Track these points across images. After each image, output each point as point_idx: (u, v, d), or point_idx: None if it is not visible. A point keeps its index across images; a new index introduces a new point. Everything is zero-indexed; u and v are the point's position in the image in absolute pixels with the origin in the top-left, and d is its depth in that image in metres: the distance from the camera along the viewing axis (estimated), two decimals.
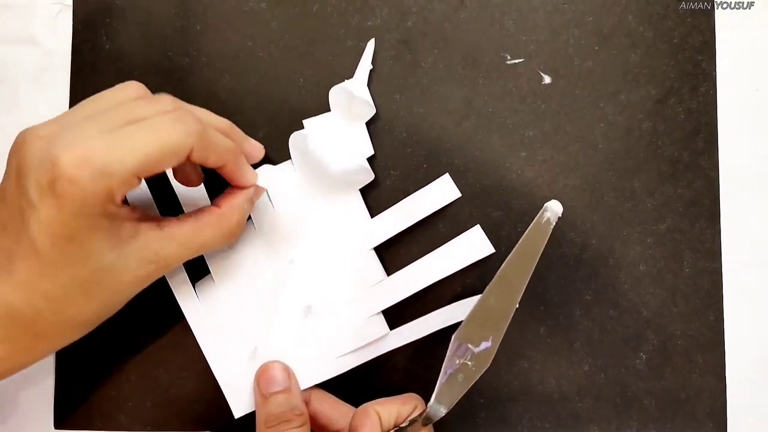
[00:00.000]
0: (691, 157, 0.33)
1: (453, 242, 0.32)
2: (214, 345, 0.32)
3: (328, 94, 0.33)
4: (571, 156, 0.33)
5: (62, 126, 0.25)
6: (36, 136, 0.25)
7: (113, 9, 0.34)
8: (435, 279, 0.32)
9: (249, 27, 0.34)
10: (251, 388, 0.32)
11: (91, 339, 0.33)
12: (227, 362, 0.32)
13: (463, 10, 0.34)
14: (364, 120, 0.33)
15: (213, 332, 0.32)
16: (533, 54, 0.34)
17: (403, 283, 0.32)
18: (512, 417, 0.33)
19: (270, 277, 0.32)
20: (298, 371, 0.32)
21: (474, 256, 0.32)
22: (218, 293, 0.32)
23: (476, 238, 0.32)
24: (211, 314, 0.32)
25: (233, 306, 0.32)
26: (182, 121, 0.26)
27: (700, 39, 0.34)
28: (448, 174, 0.32)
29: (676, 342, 0.33)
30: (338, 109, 0.33)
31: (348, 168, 0.32)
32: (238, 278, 0.32)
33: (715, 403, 0.33)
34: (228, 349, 0.32)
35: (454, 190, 0.33)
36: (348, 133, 0.33)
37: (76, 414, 0.33)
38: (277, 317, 0.32)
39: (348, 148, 0.32)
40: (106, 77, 0.34)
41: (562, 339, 0.33)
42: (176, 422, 0.33)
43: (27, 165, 0.24)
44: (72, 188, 0.24)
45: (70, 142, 0.24)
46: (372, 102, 0.33)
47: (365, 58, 0.33)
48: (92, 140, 0.24)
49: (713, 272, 0.33)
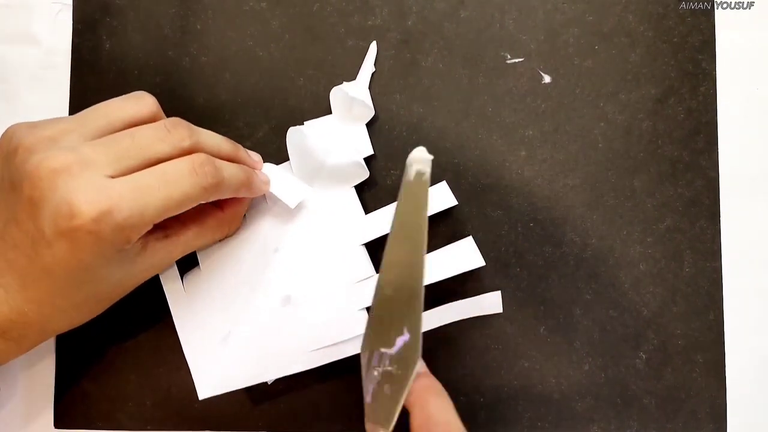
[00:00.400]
0: (691, 156, 0.33)
1: (443, 250, 0.31)
2: (189, 327, 0.32)
3: (329, 95, 0.33)
4: (571, 155, 0.33)
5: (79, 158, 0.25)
6: (50, 169, 0.24)
7: (113, 8, 0.34)
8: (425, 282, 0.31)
9: (249, 26, 0.34)
10: (220, 371, 0.31)
11: (91, 338, 0.33)
12: (199, 344, 0.31)
13: (463, 9, 0.34)
14: (364, 122, 0.33)
15: (190, 315, 0.32)
16: (533, 53, 0.34)
17: None
18: (512, 416, 0.33)
19: (251, 263, 0.32)
20: (271, 361, 0.31)
21: (463, 266, 0.31)
22: (201, 279, 0.32)
23: (467, 249, 0.31)
24: (192, 298, 0.32)
25: (212, 289, 0.32)
26: (199, 173, 0.26)
27: (700, 38, 0.34)
28: (445, 182, 0.32)
29: (676, 341, 0.33)
30: (338, 110, 0.33)
31: (342, 163, 0.32)
32: (221, 264, 0.32)
33: (715, 403, 0.33)
34: (202, 332, 0.31)
35: (450, 197, 0.32)
36: (347, 133, 0.33)
37: (76, 413, 0.33)
38: (254, 303, 0.32)
39: (345, 144, 0.32)
40: (107, 76, 0.34)
41: (562, 338, 0.33)
42: (176, 421, 0.33)
43: (43, 200, 0.24)
44: (90, 238, 0.24)
45: (91, 194, 0.24)
46: (372, 104, 0.33)
47: (368, 60, 0.33)
48: (113, 193, 0.24)
49: (713, 272, 0.33)
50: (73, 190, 0.24)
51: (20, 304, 0.26)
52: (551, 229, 0.33)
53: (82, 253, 0.25)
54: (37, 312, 0.26)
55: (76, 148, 0.25)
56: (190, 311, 0.32)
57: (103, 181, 0.24)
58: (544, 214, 0.33)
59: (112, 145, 0.26)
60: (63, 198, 0.24)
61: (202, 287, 0.32)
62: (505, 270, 0.33)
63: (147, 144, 0.26)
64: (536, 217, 0.33)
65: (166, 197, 0.26)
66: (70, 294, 0.27)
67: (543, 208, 0.33)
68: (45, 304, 0.26)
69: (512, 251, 0.33)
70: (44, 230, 0.24)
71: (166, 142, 0.27)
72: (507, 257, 0.33)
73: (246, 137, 0.33)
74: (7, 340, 0.27)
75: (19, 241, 0.25)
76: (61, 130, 0.26)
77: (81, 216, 0.24)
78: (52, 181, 0.24)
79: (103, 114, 0.27)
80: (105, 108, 0.27)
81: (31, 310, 0.26)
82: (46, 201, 0.24)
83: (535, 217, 0.33)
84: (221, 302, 0.32)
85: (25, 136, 0.26)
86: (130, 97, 0.28)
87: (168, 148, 0.26)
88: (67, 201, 0.24)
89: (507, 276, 0.33)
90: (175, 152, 0.27)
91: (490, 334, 0.33)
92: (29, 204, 0.25)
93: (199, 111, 0.34)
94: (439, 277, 0.31)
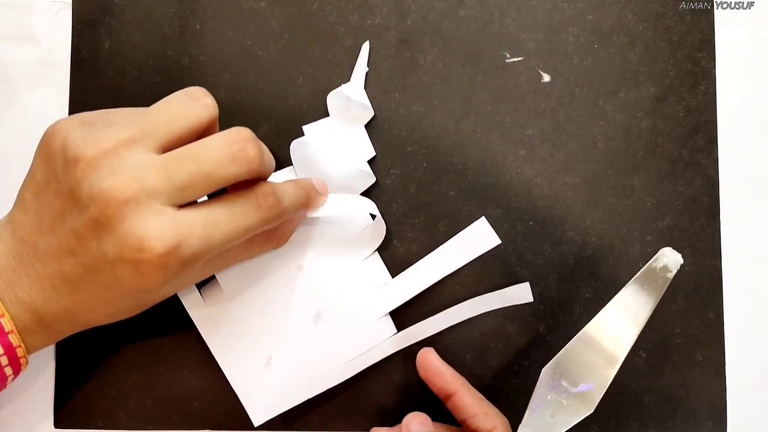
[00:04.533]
0: (690, 155, 0.33)
1: (458, 236, 0.32)
2: (227, 353, 0.32)
3: (328, 94, 0.33)
4: (571, 154, 0.33)
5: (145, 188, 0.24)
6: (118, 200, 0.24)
7: (113, 7, 0.34)
8: (441, 276, 0.32)
9: (248, 26, 0.34)
10: (268, 395, 0.32)
11: (91, 338, 0.33)
12: (242, 371, 0.32)
13: (463, 8, 0.34)
14: (363, 123, 0.33)
15: (225, 340, 0.32)
16: (532, 52, 0.34)
17: (410, 282, 0.32)
18: (512, 415, 0.33)
19: (280, 284, 0.32)
20: (312, 377, 0.32)
21: (480, 248, 0.32)
22: (226, 300, 0.32)
23: (482, 230, 0.31)
24: (221, 321, 0.32)
25: (244, 313, 0.32)
26: (263, 207, 0.27)
27: (699, 37, 0.34)
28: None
29: (676, 340, 0.33)
30: (336, 114, 0.33)
31: (348, 173, 0.32)
32: (247, 285, 0.32)
33: (714, 401, 0.33)
34: (242, 358, 0.32)
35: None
36: (348, 136, 0.33)
37: (76, 413, 0.33)
38: (290, 325, 0.32)
39: (348, 152, 0.32)
40: (106, 75, 0.34)
41: (562, 337, 0.33)
42: (177, 420, 0.33)
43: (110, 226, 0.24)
44: (157, 270, 0.24)
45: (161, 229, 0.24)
46: (369, 104, 0.33)
47: (360, 60, 0.33)
48: (183, 229, 0.24)
49: (713, 270, 0.33)
50: (142, 222, 0.24)
51: (70, 305, 0.26)
52: (551, 227, 0.33)
53: (145, 281, 0.25)
54: (85, 314, 0.27)
55: (142, 171, 0.24)
56: (222, 337, 0.32)
57: (171, 215, 0.24)
58: (543, 213, 0.33)
59: (177, 171, 0.25)
60: (131, 230, 0.24)
61: (229, 310, 0.32)
62: (504, 269, 0.33)
63: (213, 168, 0.25)
64: (536, 215, 0.33)
65: (232, 232, 0.26)
66: (120, 304, 0.27)
67: (542, 207, 0.33)
68: (93, 309, 0.26)
69: (512, 250, 0.33)
70: (107, 254, 0.24)
71: (235, 165, 0.26)
72: (506, 256, 0.33)
73: None
74: (49, 333, 0.27)
75: (77, 251, 0.25)
76: (123, 142, 0.25)
77: (151, 251, 0.24)
78: (120, 210, 0.24)
79: (164, 122, 0.26)
80: (165, 113, 0.26)
81: (79, 311, 0.26)
82: (113, 228, 0.24)
83: (535, 216, 0.33)
84: (256, 326, 0.32)
85: (84, 145, 0.25)
86: (191, 99, 0.27)
87: (235, 173, 0.26)
88: (136, 234, 0.24)
89: (507, 275, 0.33)
90: (242, 176, 0.26)
91: (490, 334, 0.33)
92: (94, 225, 0.24)
93: None
94: (457, 264, 0.32)
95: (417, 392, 0.33)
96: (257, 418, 0.32)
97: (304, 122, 0.33)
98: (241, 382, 0.32)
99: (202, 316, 0.32)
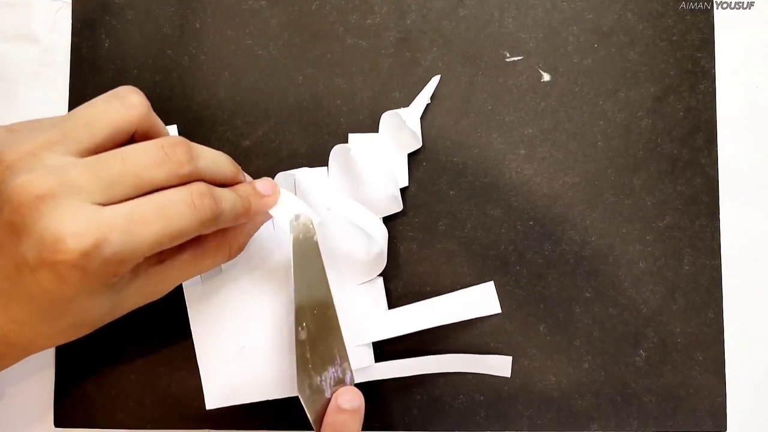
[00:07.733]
0: (690, 154, 0.34)
1: (462, 293, 0.32)
2: (204, 331, 0.32)
3: (328, 93, 0.33)
4: (571, 153, 0.33)
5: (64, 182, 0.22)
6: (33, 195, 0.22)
7: (112, 7, 0.34)
8: (433, 325, 0.32)
9: (248, 25, 0.34)
10: (230, 384, 0.31)
11: (90, 338, 0.32)
12: (213, 353, 0.32)
13: (462, 7, 0.34)
14: (408, 150, 0.33)
15: (206, 319, 0.32)
16: (532, 52, 0.34)
17: (400, 322, 0.32)
18: (512, 415, 0.33)
19: (271, 279, 0.32)
20: (279, 381, 0.31)
21: (480, 311, 0.32)
22: (222, 281, 0.32)
23: (487, 293, 0.32)
24: (209, 300, 0.32)
25: (231, 299, 0.32)
26: (198, 207, 0.24)
27: (699, 36, 0.34)
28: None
29: (676, 339, 0.33)
30: (386, 133, 0.33)
31: (378, 195, 0.32)
32: (244, 272, 0.32)
33: (714, 401, 0.33)
34: (217, 340, 0.32)
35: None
36: (389, 158, 0.33)
37: (76, 412, 0.33)
38: (272, 325, 0.32)
39: (385, 174, 0.32)
40: (106, 75, 0.34)
41: (561, 336, 0.33)
42: (177, 420, 0.33)
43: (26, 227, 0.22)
44: (76, 273, 0.22)
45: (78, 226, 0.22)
46: (420, 135, 0.33)
47: (426, 90, 0.33)
48: (103, 225, 0.22)
49: (713, 269, 0.33)
50: (58, 219, 0.22)
51: (1, 324, 0.24)
52: (551, 227, 0.33)
53: (66, 287, 0.23)
54: (18, 334, 0.25)
55: (62, 168, 0.23)
56: (206, 320, 0.32)
57: (92, 211, 0.22)
58: (543, 213, 0.33)
59: (102, 168, 0.23)
60: (47, 228, 0.22)
61: (221, 293, 0.32)
62: (504, 268, 0.33)
63: (141, 169, 0.24)
64: (536, 215, 0.33)
65: (161, 232, 0.23)
66: (53, 321, 0.25)
67: (542, 207, 0.33)
68: (27, 327, 0.24)
69: (512, 249, 0.33)
70: (27, 258, 0.22)
71: (163, 167, 0.24)
72: (506, 255, 0.33)
73: (245, 136, 0.33)
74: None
75: (1, 263, 0.23)
76: (43, 144, 0.23)
77: (67, 250, 0.22)
78: (35, 208, 0.22)
79: (85, 122, 0.24)
80: (87, 113, 0.25)
81: (11, 330, 0.24)
82: (28, 229, 0.22)
83: (535, 216, 0.33)
84: (238, 314, 0.32)
85: (3, 150, 0.23)
86: (116, 98, 0.25)
87: (164, 175, 0.24)
88: (51, 231, 0.22)
89: (507, 274, 0.33)
90: (172, 179, 0.24)
91: (489, 333, 0.33)
92: (10, 229, 0.23)
93: (198, 110, 0.34)
94: (454, 319, 0.32)
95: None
96: (212, 402, 0.31)
97: (303, 122, 0.33)
98: (208, 362, 0.32)
99: (194, 292, 0.32)
